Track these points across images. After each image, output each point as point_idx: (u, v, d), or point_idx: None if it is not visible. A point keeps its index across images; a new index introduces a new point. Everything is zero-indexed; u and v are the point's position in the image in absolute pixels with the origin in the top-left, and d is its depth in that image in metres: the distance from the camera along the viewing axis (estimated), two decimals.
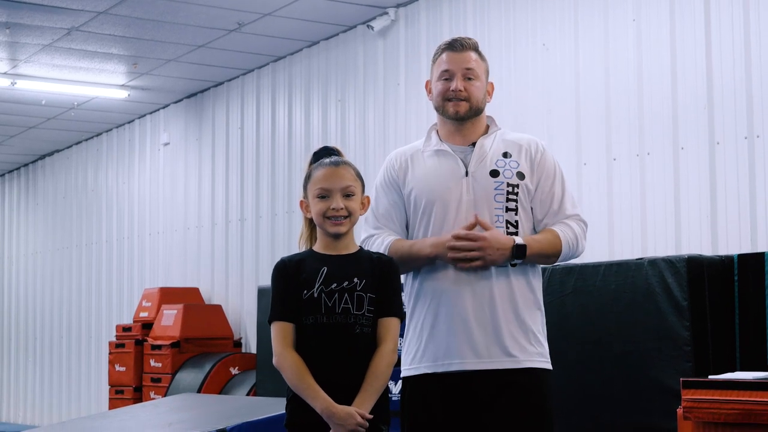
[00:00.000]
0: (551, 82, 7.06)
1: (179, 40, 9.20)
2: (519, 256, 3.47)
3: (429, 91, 3.72)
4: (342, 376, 3.24)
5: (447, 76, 3.63)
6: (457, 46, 3.64)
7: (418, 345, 3.56)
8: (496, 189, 3.54)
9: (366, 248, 3.55)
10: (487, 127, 3.70)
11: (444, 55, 3.65)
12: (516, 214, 3.55)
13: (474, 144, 3.62)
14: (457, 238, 3.45)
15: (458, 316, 3.48)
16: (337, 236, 3.35)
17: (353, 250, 3.40)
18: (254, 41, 9.25)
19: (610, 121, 6.63)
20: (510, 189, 3.55)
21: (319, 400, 3.19)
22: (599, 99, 6.71)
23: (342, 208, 3.32)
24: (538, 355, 3.54)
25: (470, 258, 3.43)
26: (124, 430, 5.27)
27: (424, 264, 3.55)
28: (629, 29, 6.54)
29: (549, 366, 3.58)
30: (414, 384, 3.57)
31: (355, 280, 3.30)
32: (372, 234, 3.65)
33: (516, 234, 3.54)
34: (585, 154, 6.77)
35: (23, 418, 14.70)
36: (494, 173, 3.56)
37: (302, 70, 9.58)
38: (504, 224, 3.53)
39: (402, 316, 3.39)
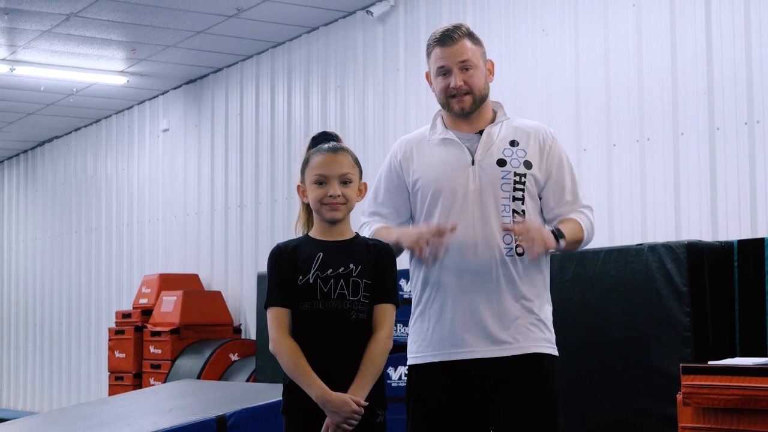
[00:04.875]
0: (551, 68, 7.04)
1: (178, 26, 9.18)
2: (561, 236, 3.46)
3: (430, 83, 3.68)
4: (338, 362, 3.24)
5: (444, 71, 3.58)
6: (447, 40, 3.57)
7: (424, 333, 3.54)
8: (502, 178, 3.51)
9: (361, 234, 3.55)
10: (494, 113, 3.67)
11: (437, 50, 3.59)
12: (523, 204, 3.52)
13: (481, 132, 3.60)
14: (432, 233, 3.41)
15: (465, 305, 3.46)
16: (333, 222, 3.35)
17: (349, 236, 3.39)
18: (253, 27, 9.23)
19: (609, 107, 6.62)
20: (517, 178, 3.52)
21: (315, 387, 3.19)
22: (599, 85, 6.69)
23: (339, 195, 3.32)
24: (545, 341, 3.53)
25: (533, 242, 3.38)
26: (124, 417, 5.26)
27: (398, 253, 3.52)
28: (629, 14, 6.52)
29: (555, 352, 3.57)
30: (420, 372, 3.55)
31: (351, 266, 3.30)
32: (364, 222, 3.65)
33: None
34: (585, 140, 6.75)
35: (23, 405, 14.71)
36: (501, 162, 3.53)
37: (301, 56, 9.56)
38: (510, 213, 3.50)
39: (397, 303, 3.38)
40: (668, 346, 5.23)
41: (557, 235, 3.46)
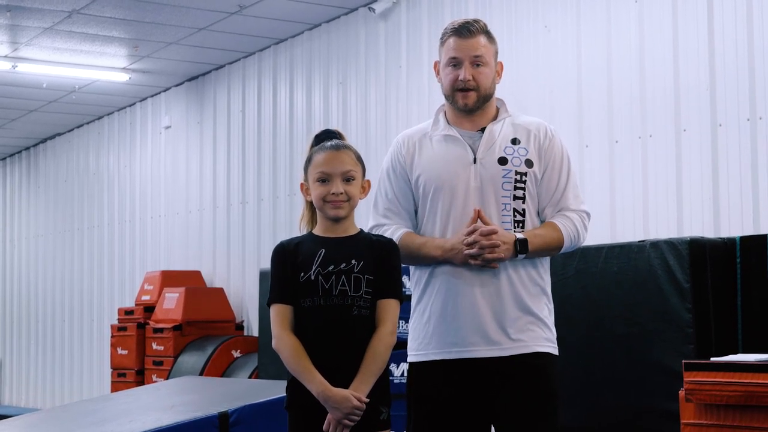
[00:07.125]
0: (553, 64, 7.04)
1: (180, 23, 9.18)
2: (522, 250, 3.44)
3: (437, 73, 3.66)
4: (340, 358, 3.24)
5: (455, 63, 3.56)
6: (464, 32, 3.55)
7: (425, 331, 3.54)
8: (504, 177, 3.50)
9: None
10: (497, 111, 3.65)
11: (451, 41, 3.57)
12: (523, 203, 3.51)
13: (483, 129, 3.58)
14: (470, 234, 3.39)
15: (466, 303, 3.46)
16: (336, 220, 3.35)
17: (353, 232, 3.39)
18: (255, 24, 9.23)
19: (612, 104, 6.62)
20: (518, 177, 3.51)
21: (315, 383, 3.20)
22: (601, 81, 6.69)
23: (342, 193, 3.32)
24: (545, 340, 3.52)
25: (490, 258, 3.38)
26: (126, 413, 5.27)
27: (432, 263, 3.52)
28: (631, 10, 6.51)
29: (556, 351, 3.57)
30: (421, 370, 3.55)
31: (353, 261, 3.30)
32: (382, 224, 3.61)
33: (523, 222, 3.51)
34: (587, 137, 6.75)
35: (25, 401, 14.73)
36: (502, 161, 3.51)
37: (303, 53, 9.56)
38: (511, 212, 3.50)
39: (401, 298, 3.37)
40: (670, 343, 5.23)
41: (519, 247, 3.43)
